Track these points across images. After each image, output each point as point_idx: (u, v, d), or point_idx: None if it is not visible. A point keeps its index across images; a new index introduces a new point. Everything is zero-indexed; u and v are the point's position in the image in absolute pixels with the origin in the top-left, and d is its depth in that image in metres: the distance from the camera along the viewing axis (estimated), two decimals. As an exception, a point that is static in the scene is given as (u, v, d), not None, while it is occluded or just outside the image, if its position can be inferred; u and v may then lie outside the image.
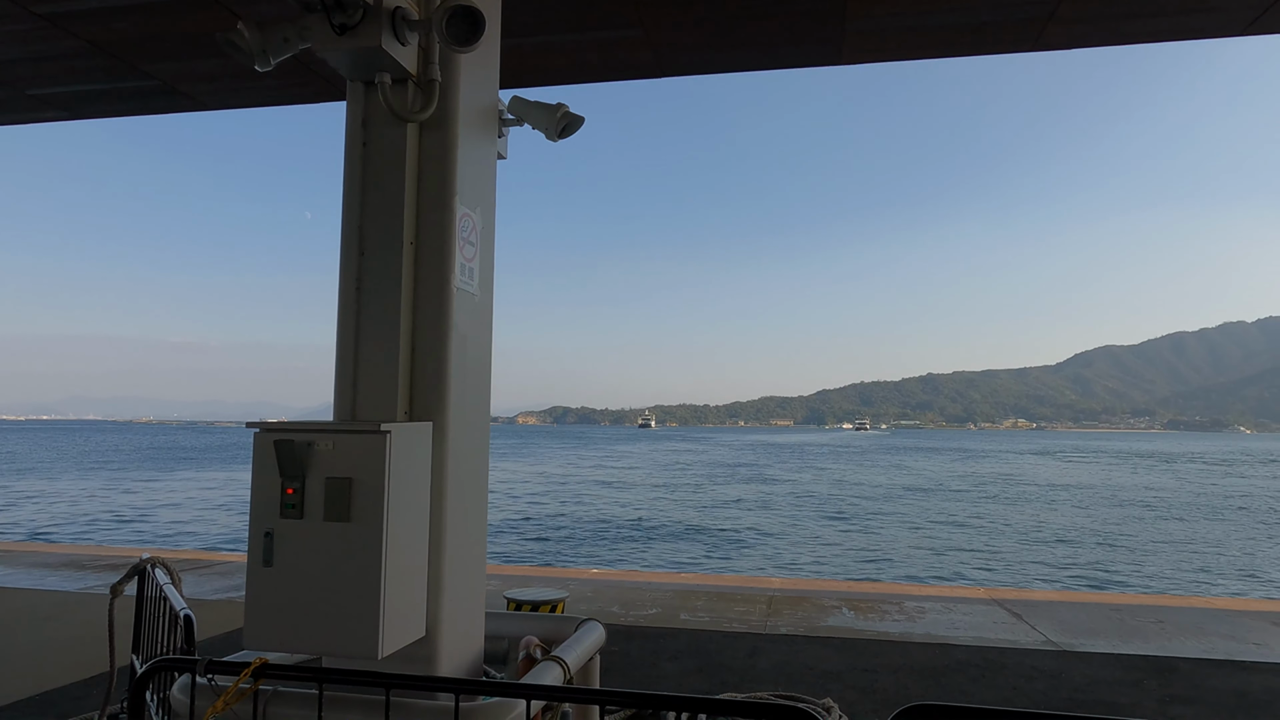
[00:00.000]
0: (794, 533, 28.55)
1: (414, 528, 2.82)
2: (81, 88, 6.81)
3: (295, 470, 2.66)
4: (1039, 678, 5.84)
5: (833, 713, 4.92)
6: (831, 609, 7.89)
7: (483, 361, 3.36)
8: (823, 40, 5.75)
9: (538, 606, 5.17)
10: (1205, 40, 5.84)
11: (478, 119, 3.35)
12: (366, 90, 3.16)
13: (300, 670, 2.43)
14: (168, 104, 7.14)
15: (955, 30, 5.64)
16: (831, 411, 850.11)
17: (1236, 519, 34.80)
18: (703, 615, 7.61)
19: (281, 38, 3.04)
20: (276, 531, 2.67)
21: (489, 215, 3.44)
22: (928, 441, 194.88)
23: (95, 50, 6.08)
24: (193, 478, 53.39)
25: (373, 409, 3.03)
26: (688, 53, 5.96)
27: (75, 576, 9.16)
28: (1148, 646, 6.66)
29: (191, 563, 10.30)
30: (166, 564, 4.27)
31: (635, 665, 6.08)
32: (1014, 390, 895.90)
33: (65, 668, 5.84)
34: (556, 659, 3.01)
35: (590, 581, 9.29)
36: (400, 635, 2.71)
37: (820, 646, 6.57)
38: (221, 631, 6.90)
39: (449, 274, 3.08)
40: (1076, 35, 5.67)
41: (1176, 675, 5.93)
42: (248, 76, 6.53)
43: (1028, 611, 7.86)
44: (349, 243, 3.12)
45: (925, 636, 6.91)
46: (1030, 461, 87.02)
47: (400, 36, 2.98)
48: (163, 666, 2.57)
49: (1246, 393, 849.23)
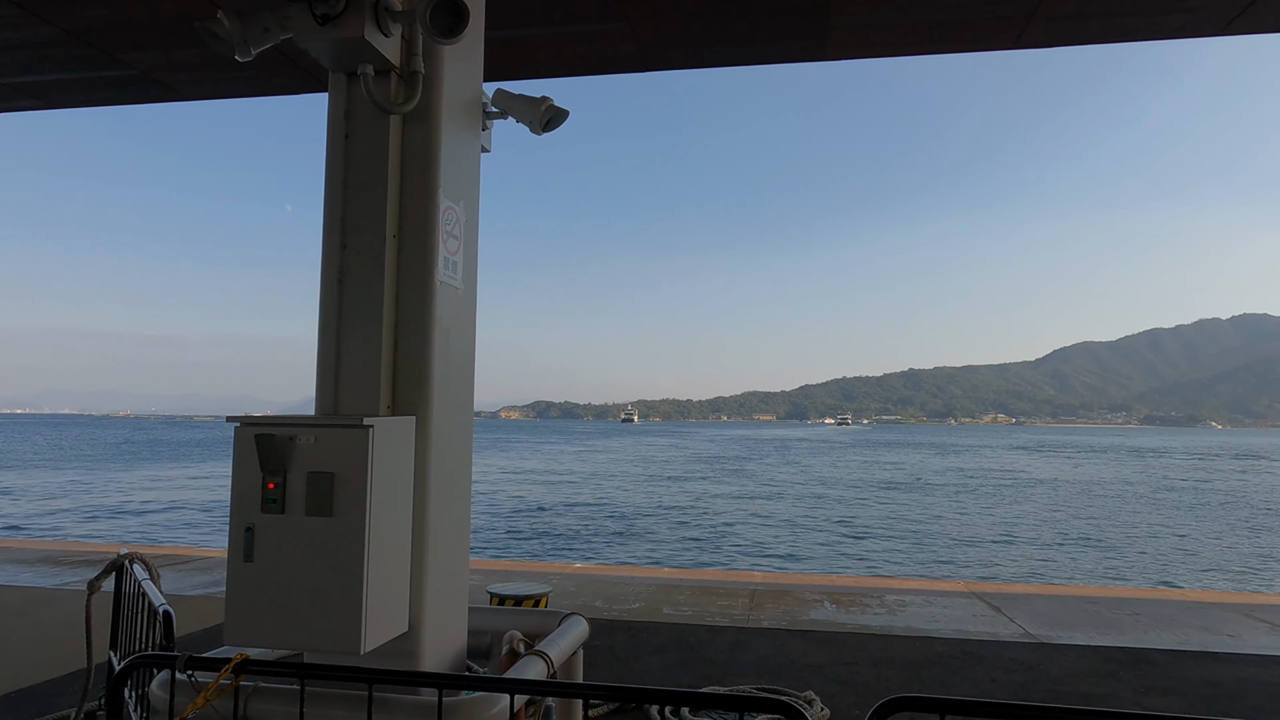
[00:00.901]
0: (776, 527, 28.70)
1: (397, 522, 2.81)
2: (57, 76, 6.69)
3: (276, 465, 2.64)
4: (1017, 669, 5.91)
5: (815, 705, 4.96)
6: (813, 603, 7.94)
7: (466, 355, 3.35)
8: (806, 36, 5.76)
9: (521, 601, 5.16)
10: (1184, 40, 5.91)
11: (461, 112, 3.33)
12: (349, 82, 3.13)
13: (282, 666, 2.42)
14: (145, 94, 7.04)
15: (937, 27, 5.67)
16: (814, 406, 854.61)
17: (1204, 513, 35.39)
18: (685, 609, 7.63)
19: (262, 27, 3.00)
20: (258, 526, 2.65)
21: (473, 208, 3.42)
22: (908, 436, 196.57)
23: (71, 38, 5.98)
24: (171, 473, 52.83)
25: (355, 403, 3.00)
26: (672, 47, 5.96)
27: (51, 572, 9.04)
28: (1123, 638, 6.76)
29: (170, 558, 10.19)
30: (145, 559, 4.22)
31: (618, 659, 6.10)
32: (994, 386, 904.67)
33: (41, 665, 5.76)
34: (540, 653, 3.01)
35: (573, 576, 9.29)
36: (383, 630, 2.70)
37: (802, 640, 6.61)
38: (201, 628, 6.84)
39: (432, 267, 3.06)
40: (1057, 33, 5.72)
41: (1151, 666, 6.02)
42: (228, 66, 6.45)
43: (1006, 604, 7.95)
44: (331, 235, 3.09)
45: (906, 629, 6.97)
46: (1006, 457, 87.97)
47: (383, 27, 2.95)
48: (142, 663, 2.54)
49: (1221, 388, 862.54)
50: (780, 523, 29.95)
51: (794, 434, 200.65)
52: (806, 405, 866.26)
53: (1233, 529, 29.83)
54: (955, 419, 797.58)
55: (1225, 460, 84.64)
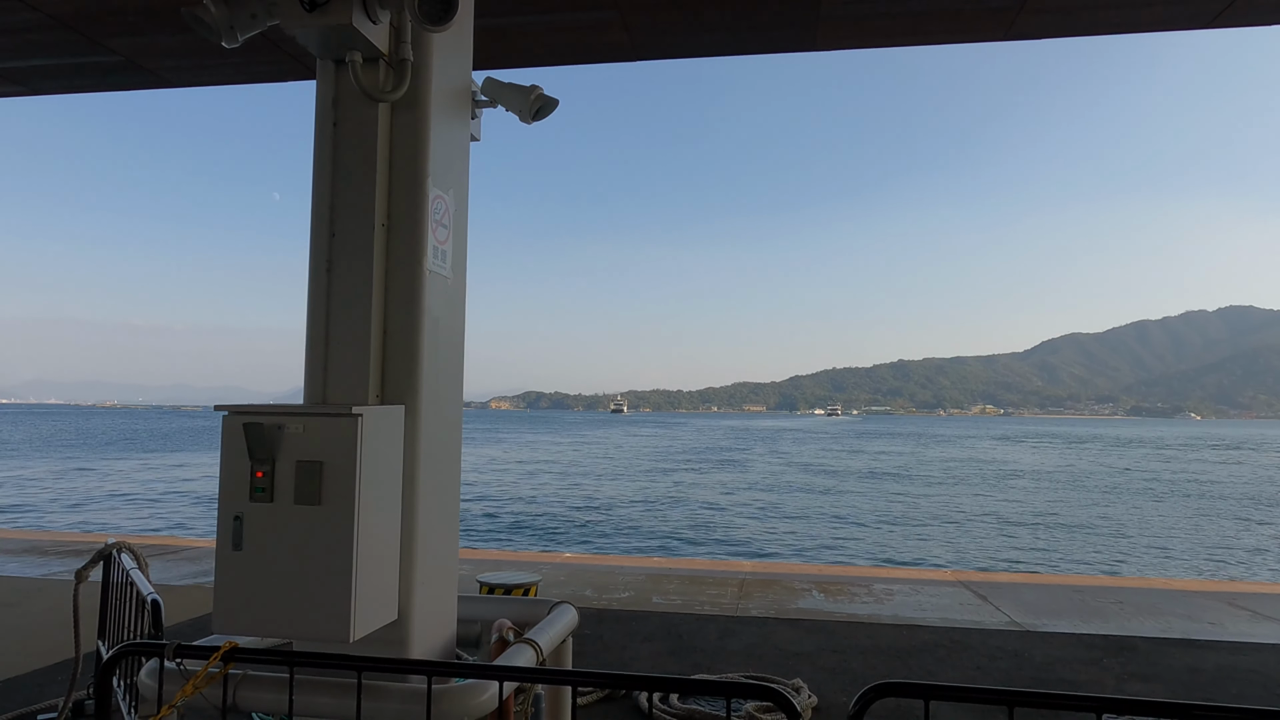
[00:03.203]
0: (764, 516, 28.83)
1: (386, 511, 2.81)
2: (41, 62, 6.61)
3: (265, 453, 2.64)
4: (1003, 657, 5.98)
5: (802, 692, 5.00)
6: (802, 591, 7.99)
7: (455, 345, 3.34)
8: (797, 26, 5.76)
9: (510, 590, 5.18)
10: (1171, 32, 5.94)
11: (450, 100, 3.31)
12: (337, 69, 3.11)
13: (271, 654, 2.42)
14: (130, 80, 6.96)
15: (928, 18, 5.67)
16: (804, 397, 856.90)
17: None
18: (675, 598, 7.67)
19: (249, 14, 2.97)
20: (246, 515, 2.65)
21: (462, 197, 3.41)
22: (896, 427, 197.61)
23: (55, 24, 5.91)
24: (159, 462, 52.55)
25: (344, 392, 3.00)
26: (663, 36, 5.94)
27: (37, 562, 9.00)
28: (1107, 626, 6.84)
29: (159, 548, 10.16)
30: (133, 549, 4.21)
31: (608, 648, 6.13)
32: (983, 377, 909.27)
33: (28, 654, 5.75)
34: (529, 641, 3.02)
35: (563, 565, 9.31)
36: (372, 619, 2.71)
37: (790, 628, 6.66)
38: (189, 617, 6.83)
39: (421, 256, 3.06)
40: (1047, 25, 5.73)
41: (1135, 654, 6.10)
42: (214, 53, 6.38)
43: (992, 593, 8.02)
44: (319, 224, 3.07)
45: (893, 618, 7.03)
46: (993, 447, 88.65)
47: (371, 14, 2.93)
48: (130, 651, 2.54)
49: (1206, 380, 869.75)
50: (769, 513, 30.07)
51: (784, 424, 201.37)
52: (796, 396, 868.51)
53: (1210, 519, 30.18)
54: (944, 410, 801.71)
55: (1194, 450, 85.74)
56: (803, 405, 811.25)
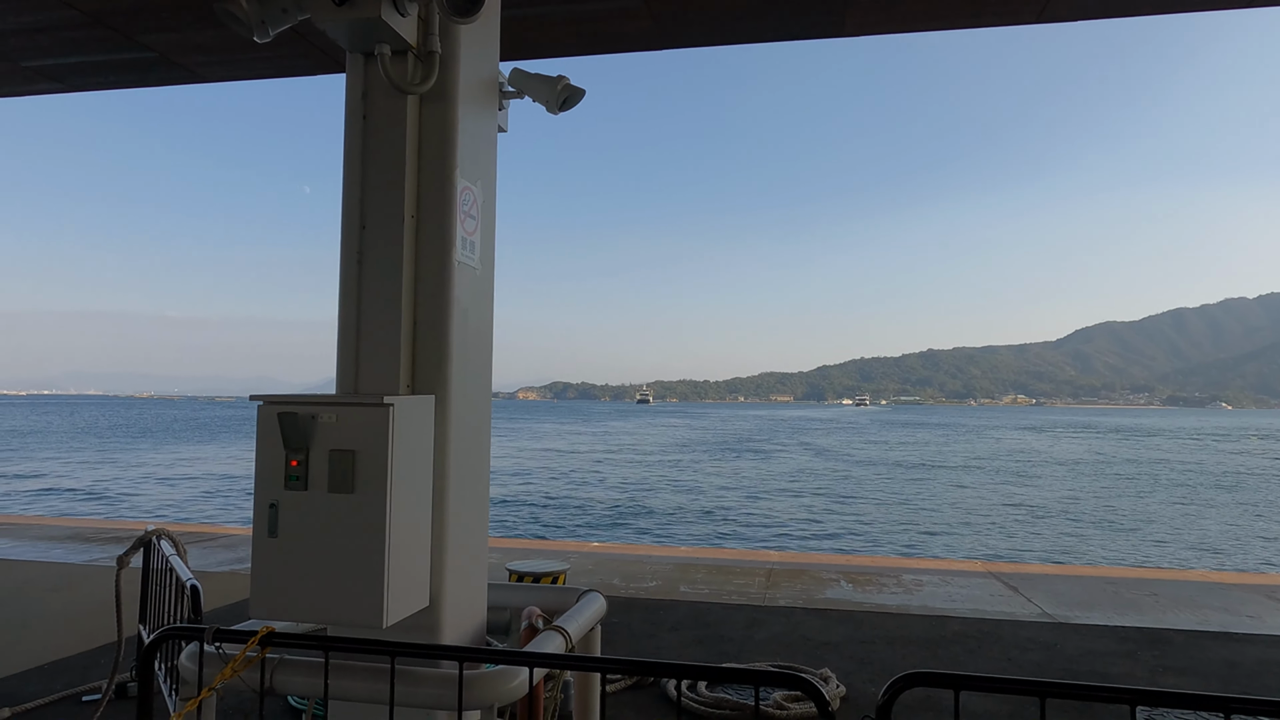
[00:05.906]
0: (793, 506, 28.73)
1: (417, 500, 2.85)
2: (76, 59, 6.74)
3: (299, 442, 2.68)
4: (1034, 649, 5.92)
5: (830, 682, 5.00)
6: (830, 581, 7.97)
7: (484, 336, 3.37)
8: (826, 12, 5.69)
9: (539, 578, 5.22)
10: (1209, 11, 5.78)
11: (478, 91, 3.33)
12: (366, 62, 3.14)
13: (306, 639, 2.47)
14: (164, 76, 7.08)
15: (958, 2, 5.58)
16: (831, 387, 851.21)
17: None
18: (702, 587, 7.69)
19: (280, 8, 3.01)
20: (281, 503, 2.70)
21: (490, 189, 3.43)
22: (926, 417, 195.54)
23: (91, 21, 6.02)
24: (196, 452, 53.59)
25: (375, 382, 3.04)
26: (688, 24, 5.91)
27: (80, 549, 9.24)
28: (1142, 618, 6.74)
29: (196, 535, 10.38)
30: (172, 536, 4.31)
31: (635, 636, 6.16)
32: (1014, 366, 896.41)
33: (72, 638, 5.91)
34: (558, 628, 3.05)
35: (591, 555, 9.37)
36: (404, 605, 2.75)
37: (818, 618, 6.65)
38: (226, 603, 6.98)
39: (450, 248, 3.08)
40: (1080, 6, 5.61)
41: (1170, 646, 6.00)
42: (246, 48, 6.47)
43: (1024, 584, 7.94)
44: (349, 216, 3.11)
45: (922, 609, 6.99)
46: (1024, 438, 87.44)
47: (400, 7, 2.95)
48: (170, 635, 2.61)
49: (1246, 369, 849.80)
50: (797, 502, 29.97)
51: (811, 414, 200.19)
52: (824, 386, 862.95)
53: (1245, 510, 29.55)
54: (975, 400, 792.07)
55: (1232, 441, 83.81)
56: (830, 395, 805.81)
